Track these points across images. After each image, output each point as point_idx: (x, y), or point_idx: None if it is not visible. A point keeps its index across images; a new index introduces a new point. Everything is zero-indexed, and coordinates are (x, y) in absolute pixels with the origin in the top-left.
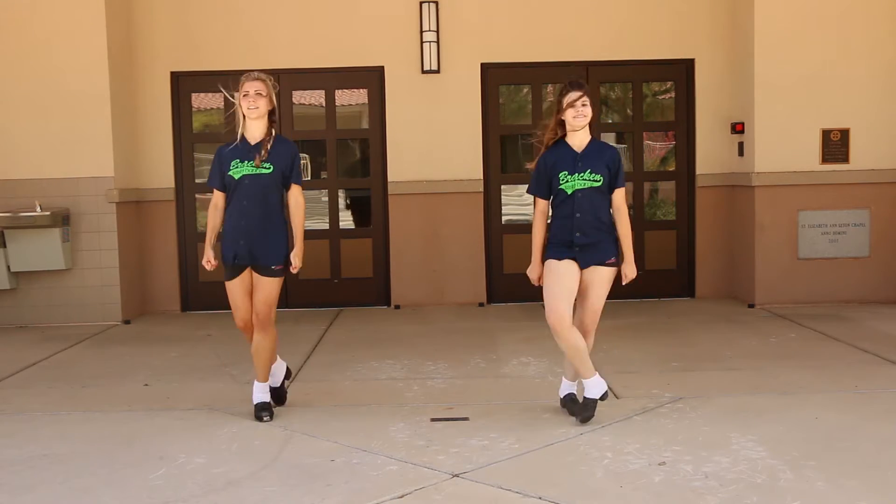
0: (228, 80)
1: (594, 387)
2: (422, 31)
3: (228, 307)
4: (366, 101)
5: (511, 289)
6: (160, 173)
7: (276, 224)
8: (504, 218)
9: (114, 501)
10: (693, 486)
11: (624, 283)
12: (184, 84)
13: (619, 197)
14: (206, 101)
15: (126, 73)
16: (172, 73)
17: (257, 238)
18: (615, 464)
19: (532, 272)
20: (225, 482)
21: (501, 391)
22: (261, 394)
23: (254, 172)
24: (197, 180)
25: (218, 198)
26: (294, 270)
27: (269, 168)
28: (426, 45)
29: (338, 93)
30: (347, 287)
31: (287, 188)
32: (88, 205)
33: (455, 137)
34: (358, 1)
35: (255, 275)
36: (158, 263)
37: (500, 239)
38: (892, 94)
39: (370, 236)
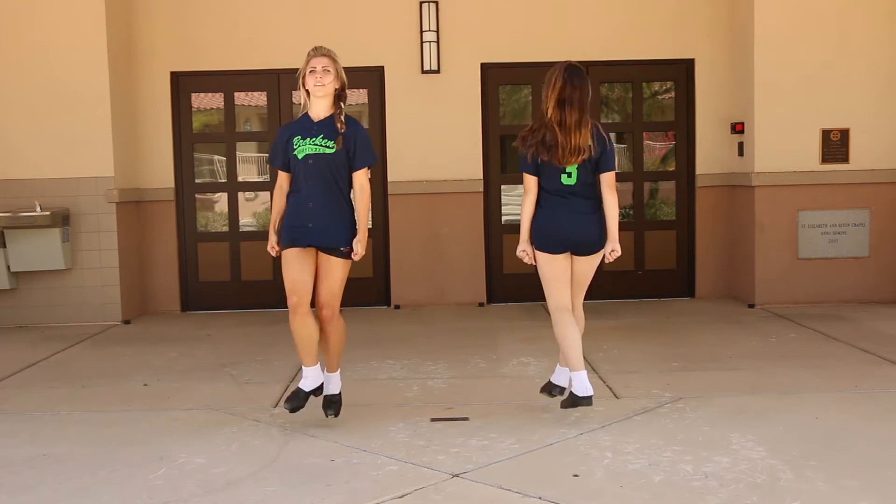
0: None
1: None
2: (422, 31)
3: (228, 307)
4: (366, 101)
5: (511, 289)
6: (160, 173)
7: (341, 205)
8: (504, 218)
9: (114, 501)
10: (693, 486)
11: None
12: (184, 84)
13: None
14: (206, 101)
15: (126, 74)
16: (172, 73)
17: (323, 220)
18: (615, 464)
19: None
20: (225, 482)
21: (501, 391)
22: (311, 380)
23: (317, 152)
24: (197, 180)
25: (282, 179)
26: (356, 258)
27: (333, 147)
28: (426, 45)
29: None
30: (347, 287)
31: (352, 171)
32: (88, 205)
33: (455, 137)
34: (358, 1)
35: (323, 257)
36: (158, 263)
37: (500, 239)
38: (892, 94)
39: (370, 236)
